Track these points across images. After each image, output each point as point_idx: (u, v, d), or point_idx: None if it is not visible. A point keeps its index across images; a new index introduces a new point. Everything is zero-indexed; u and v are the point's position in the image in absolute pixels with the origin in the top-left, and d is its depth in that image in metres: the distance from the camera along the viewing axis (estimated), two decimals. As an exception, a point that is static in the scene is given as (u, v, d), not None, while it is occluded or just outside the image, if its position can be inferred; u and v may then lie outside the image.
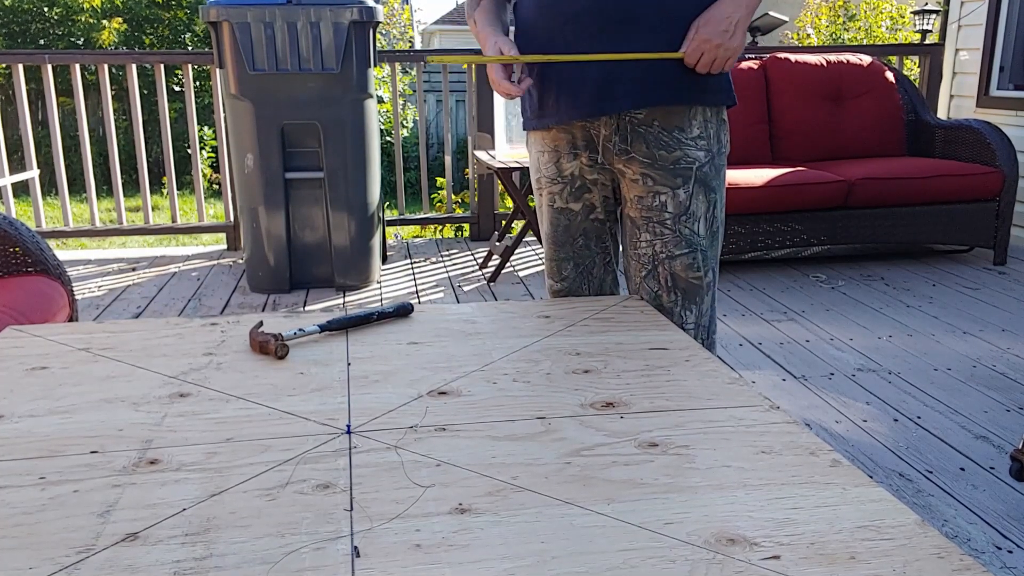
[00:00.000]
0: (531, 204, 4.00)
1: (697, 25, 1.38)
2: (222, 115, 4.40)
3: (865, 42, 10.53)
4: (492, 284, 3.92)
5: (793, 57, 4.47)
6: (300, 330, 1.31)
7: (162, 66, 4.40)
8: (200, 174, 4.65)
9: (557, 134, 1.55)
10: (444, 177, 5.04)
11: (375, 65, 3.68)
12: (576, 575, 0.71)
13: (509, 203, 5.18)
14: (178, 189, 5.17)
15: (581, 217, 1.59)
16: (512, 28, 1.58)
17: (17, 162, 7.64)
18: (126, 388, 1.13)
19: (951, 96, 5.05)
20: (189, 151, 4.73)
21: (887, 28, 10.64)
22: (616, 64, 1.42)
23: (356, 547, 0.75)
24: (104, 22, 10.65)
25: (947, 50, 5.06)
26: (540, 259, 4.34)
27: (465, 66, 4.85)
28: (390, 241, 4.89)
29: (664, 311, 1.52)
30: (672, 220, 1.49)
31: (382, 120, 9.87)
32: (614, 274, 1.67)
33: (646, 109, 1.46)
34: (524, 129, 1.63)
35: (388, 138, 9.76)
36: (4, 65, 8.23)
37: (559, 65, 1.47)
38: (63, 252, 4.85)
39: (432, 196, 6.56)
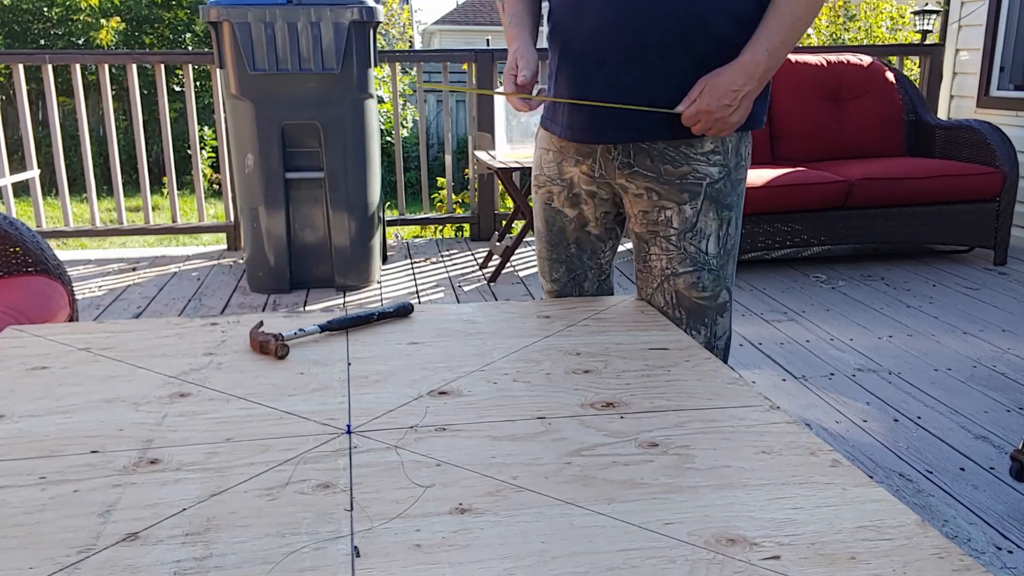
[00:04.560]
0: (530, 204, 4.00)
1: (703, 86, 1.29)
2: (222, 115, 4.40)
3: (865, 42, 10.52)
4: (492, 284, 3.92)
5: (793, 57, 4.46)
6: (300, 330, 1.31)
7: (162, 66, 4.40)
8: (200, 174, 4.66)
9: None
10: (444, 177, 5.04)
11: (375, 65, 3.68)
12: (576, 575, 0.71)
13: (509, 203, 5.18)
14: (178, 189, 5.17)
15: (575, 225, 1.55)
16: (546, 26, 1.52)
17: (17, 162, 7.63)
18: (126, 388, 1.13)
19: (951, 96, 5.05)
20: (189, 151, 4.73)
21: (887, 28, 10.64)
22: (622, 95, 1.35)
23: (356, 547, 0.75)
24: (103, 21, 10.65)
25: (947, 50, 5.05)
26: (540, 259, 4.34)
27: (464, 67, 4.85)
28: (390, 241, 4.89)
29: None
30: (677, 236, 1.42)
31: (382, 120, 9.87)
32: (611, 292, 1.63)
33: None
34: (540, 123, 1.59)
35: (388, 138, 9.76)
36: (4, 65, 8.23)
37: (569, 78, 1.41)
38: (63, 252, 4.85)
39: (432, 196, 6.56)
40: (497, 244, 4.04)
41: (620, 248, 4.59)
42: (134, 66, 4.35)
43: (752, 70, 1.28)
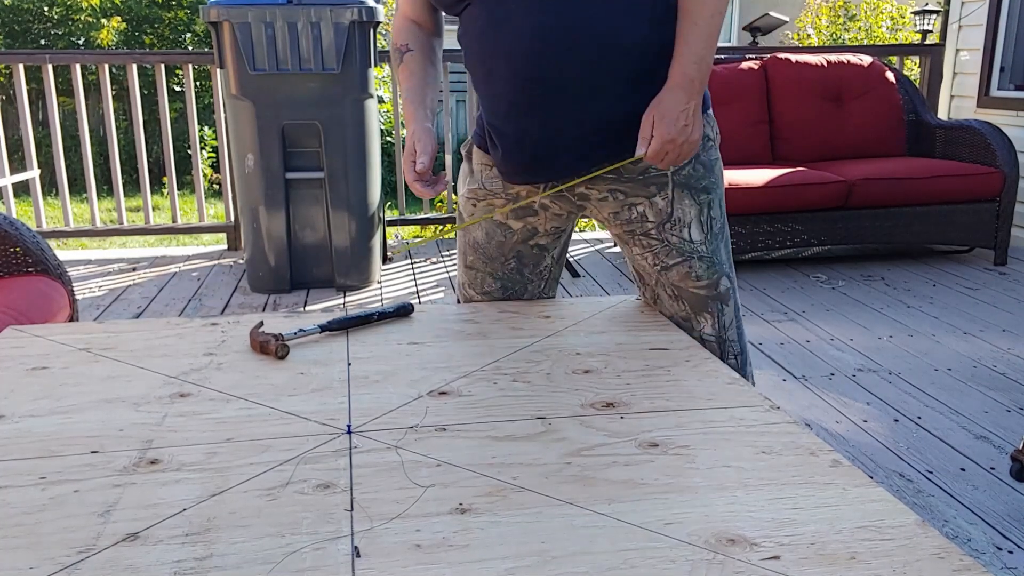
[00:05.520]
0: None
1: (651, 119, 1.23)
2: (222, 115, 4.40)
3: (865, 42, 10.52)
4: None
5: (793, 57, 4.47)
6: (300, 330, 1.31)
7: (162, 66, 4.40)
8: (200, 174, 4.66)
9: None
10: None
11: (375, 65, 3.68)
12: (576, 575, 0.71)
13: (509, 203, 5.16)
14: (178, 189, 5.17)
15: (518, 237, 1.48)
16: (438, 91, 1.43)
17: (18, 162, 7.63)
18: (127, 388, 1.13)
19: (951, 96, 5.05)
20: (189, 151, 4.74)
21: (887, 28, 10.64)
22: (556, 136, 1.31)
23: (356, 547, 0.76)
24: (103, 21, 10.65)
25: (947, 50, 5.05)
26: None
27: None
28: (391, 241, 4.89)
29: (677, 322, 1.42)
30: (656, 229, 1.38)
31: (382, 120, 9.87)
32: (552, 295, 1.58)
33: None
34: (474, 141, 1.50)
35: (388, 138, 9.75)
36: (4, 65, 8.23)
37: (502, 132, 1.36)
38: (63, 252, 4.85)
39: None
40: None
41: (617, 248, 4.60)
42: (134, 66, 4.35)
43: (688, 86, 1.24)
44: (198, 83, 10.15)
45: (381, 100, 9.52)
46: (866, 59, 4.51)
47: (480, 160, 1.49)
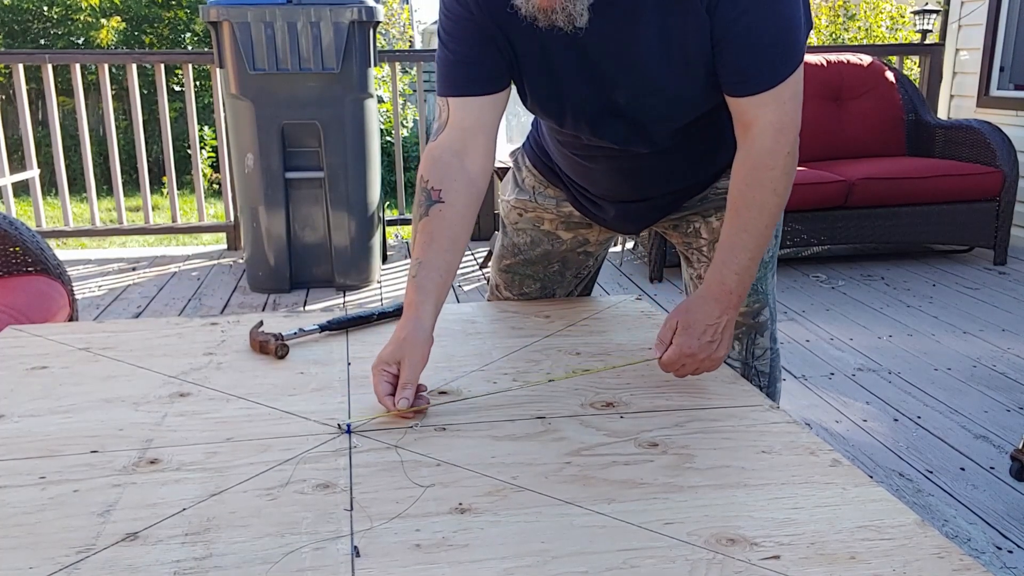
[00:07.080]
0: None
1: (674, 324, 1.11)
2: (222, 115, 4.40)
3: (865, 42, 10.51)
4: (492, 284, 3.91)
5: (793, 57, 4.46)
6: (300, 330, 1.31)
7: (162, 66, 4.39)
8: (200, 174, 4.65)
9: None
10: (444, 177, 5.01)
11: (375, 65, 3.68)
12: (576, 575, 0.71)
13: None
14: (178, 189, 5.17)
15: (567, 246, 1.48)
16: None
17: (17, 162, 7.63)
18: (126, 388, 1.13)
19: (951, 96, 5.05)
20: (189, 151, 4.73)
21: (887, 28, 10.63)
22: (647, 211, 1.38)
23: (356, 547, 0.75)
24: (103, 21, 10.65)
25: (947, 50, 5.05)
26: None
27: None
28: (390, 241, 4.89)
29: None
30: (708, 247, 1.38)
31: (382, 120, 9.86)
32: (587, 293, 1.60)
33: None
34: (526, 155, 1.46)
35: (388, 138, 9.75)
36: (4, 65, 8.22)
37: (590, 195, 1.39)
38: (63, 252, 4.84)
39: (432, 196, 6.54)
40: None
41: (620, 249, 4.60)
42: (134, 66, 4.35)
43: (726, 298, 1.13)
44: (198, 83, 10.15)
45: (381, 100, 9.51)
46: (866, 59, 4.50)
47: (535, 180, 1.47)
